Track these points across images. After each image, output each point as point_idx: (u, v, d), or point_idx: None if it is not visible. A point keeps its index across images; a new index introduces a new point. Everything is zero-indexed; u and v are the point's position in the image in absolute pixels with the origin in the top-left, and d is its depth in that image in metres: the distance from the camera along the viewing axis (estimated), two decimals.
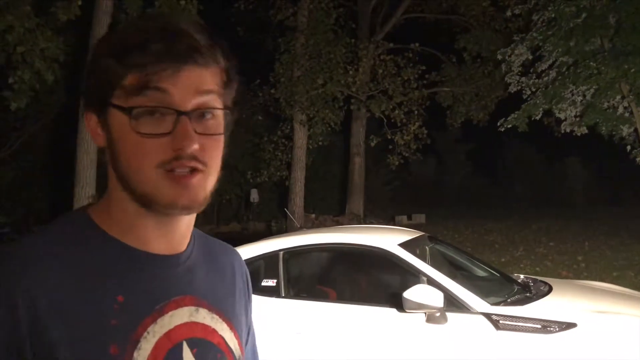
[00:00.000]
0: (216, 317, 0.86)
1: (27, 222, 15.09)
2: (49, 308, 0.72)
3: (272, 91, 16.12)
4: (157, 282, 0.81)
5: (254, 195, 21.24)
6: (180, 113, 0.75)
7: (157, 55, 0.75)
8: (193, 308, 0.83)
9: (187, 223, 0.85)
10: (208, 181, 0.78)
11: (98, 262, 0.77)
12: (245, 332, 0.96)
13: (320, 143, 16.84)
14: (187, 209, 0.78)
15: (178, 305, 0.82)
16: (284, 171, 17.26)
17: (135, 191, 0.78)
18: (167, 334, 0.79)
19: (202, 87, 0.77)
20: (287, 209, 12.40)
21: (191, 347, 0.81)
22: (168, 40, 0.75)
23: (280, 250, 4.09)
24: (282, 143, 17.23)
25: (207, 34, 0.79)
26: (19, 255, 0.75)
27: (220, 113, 0.80)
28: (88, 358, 0.73)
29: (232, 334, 0.88)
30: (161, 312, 0.80)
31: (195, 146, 0.75)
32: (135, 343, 0.76)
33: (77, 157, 10.99)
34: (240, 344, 0.90)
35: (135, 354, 0.75)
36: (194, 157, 0.76)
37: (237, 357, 0.88)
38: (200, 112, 0.77)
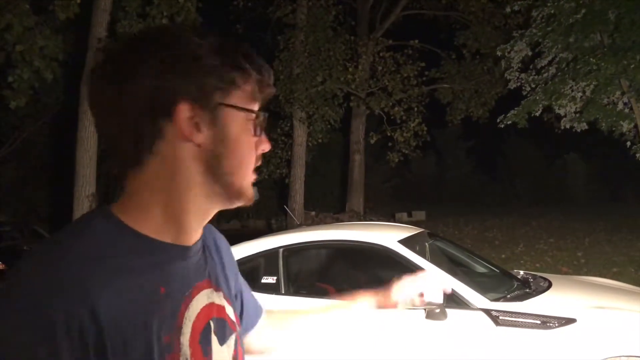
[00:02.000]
0: (219, 294, 0.93)
1: (28, 221, 15.08)
2: (116, 308, 0.74)
3: None
4: (185, 271, 0.86)
5: (254, 193, 21.22)
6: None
7: (267, 70, 0.88)
8: (209, 290, 0.90)
9: None
10: None
11: (137, 259, 0.80)
12: (237, 300, 1.07)
13: (320, 140, 16.83)
14: (250, 202, 0.90)
15: (199, 289, 0.88)
16: (283, 169, 17.26)
17: (233, 185, 0.86)
18: (198, 317, 0.86)
19: None
20: (287, 207, 12.41)
21: (214, 326, 0.89)
22: (256, 57, 0.86)
23: (280, 247, 4.10)
24: (281, 140, 17.22)
25: None
26: (76, 257, 0.76)
27: None
28: (155, 350, 0.77)
29: (232, 309, 0.96)
30: (190, 298, 0.86)
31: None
32: (179, 329, 0.82)
33: (76, 156, 10.99)
34: (236, 315, 0.99)
35: (182, 339, 0.82)
36: None
37: (238, 329, 0.97)
38: None
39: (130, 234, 0.82)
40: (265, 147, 0.89)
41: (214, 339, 0.88)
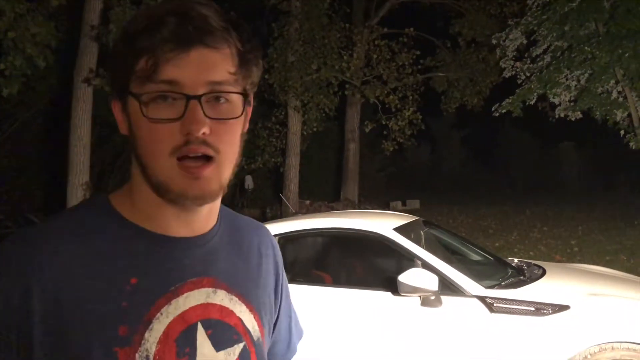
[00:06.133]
0: (235, 298, 0.86)
1: (21, 210, 15.02)
2: (61, 290, 0.74)
3: (266, 77, 16.02)
4: (174, 264, 0.81)
5: (249, 182, 21.21)
6: (189, 97, 0.74)
7: (164, 39, 0.74)
8: (210, 290, 0.84)
9: (208, 208, 0.84)
10: (222, 170, 0.78)
11: (112, 246, 0.78)
12: (271, 313, 0.95)
13: (314, 129, 16.79)
14: (198, 200, 0.78)
15: (195, 286, 0.82)
16: (278, 157, 17.22)
17: (151, 179, 0.78)
18: (182, 315, 0.80)
19: (213, 70, 0.76)
20: (282, 195, 12.40)
21: (206, 328, 0.82)
22: (176, 23, 0.75)
23: (275, 235, 4.10)
24: (276, 129, 17.17)
25: (221, 16, 0.78)
26: (33, 238, 0.77)
27: (235, 97, 0.79)
28: (97, 340, 0.74)
29: (252, 316, 0.88)
30: (176, 294, 0.80)
31: (204, 130, 0.74)
32: (147, 324, 0.77)
33: (70, 144, 10.93)
34: (260, 326, 0.90)
35: (146, 335, 0.77)
36: (204, 142, 0.75)
37: (255, 339, 0.88)
38: (214, 96, 0.77)
39: (116, 220, 0.80)
40: (193, 127, 0.74)
41: (205, 342, 0.81)
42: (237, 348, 0.85)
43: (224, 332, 0.84)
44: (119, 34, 0.80)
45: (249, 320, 0.87)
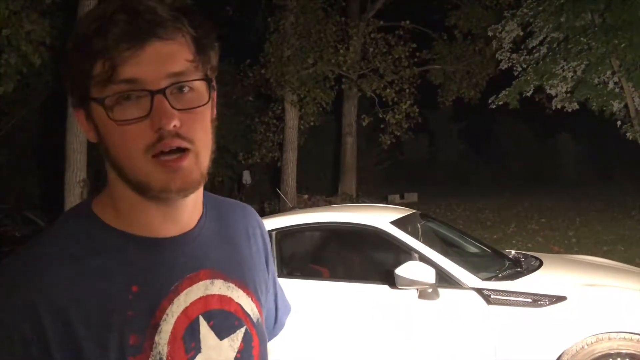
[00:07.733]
0: (232, 285, 0.87)
1: (18, 207, 15.00)
2: (66, 311, 0.74)
3: (263, 71, 15.98)
4: (169, 265, 0.81)
5: (246, 177, 21.21)
6: (154, 93, 0.73)
7: (118, 38, 0.72)
8: (208, 281, 0.84)
9: (193, 201, 0.84)
10: (200, 159, 0.77)
11: (106, 259, 0.78)
12: (266, 292, 0.97)
13: (311, 123, 16.75)
14: (182, 192, 0.77)
15: (192, 281, 0.83)
16: (275, 152, 17.20)
17: (130, 180, 0.77)
18: (185, 312, 0.81)
19: (172, 61, 0.75)
20: (279, 190, 12.40)
21: (207, 320, 0.83)
22: (126, 21, 0.73)
23: (273, 230, 4.11)
24: (273, 124, 17.14)
25: (170, 6, 0.76)
26: (33, 258, 0.77)
27: (199, 84, 0.78)
28: (111, 352, 0.75)
29: (250, 299, 0.89)
30: (176, 292, 0.81)
31: (175, 122, 0.73)
32: (155, 327, 0.78)
33: (66, 141, 10.90)
34: (259, 307, 0.91)
35: (156, 338, 0.77)
36: (177, 135, 0.74)
37: (255, 321, 0.89)
38: (177, 87, 0.75)
39: (105, 231, 0.80)
40: (163, 122, 0.73)
41: (209, 334, 0.83)
42: (240, 333, 0.86)
43: (225, 320, 0.85)
44: (70, 40, 0.77)
45: (248, 304, 0.89)
